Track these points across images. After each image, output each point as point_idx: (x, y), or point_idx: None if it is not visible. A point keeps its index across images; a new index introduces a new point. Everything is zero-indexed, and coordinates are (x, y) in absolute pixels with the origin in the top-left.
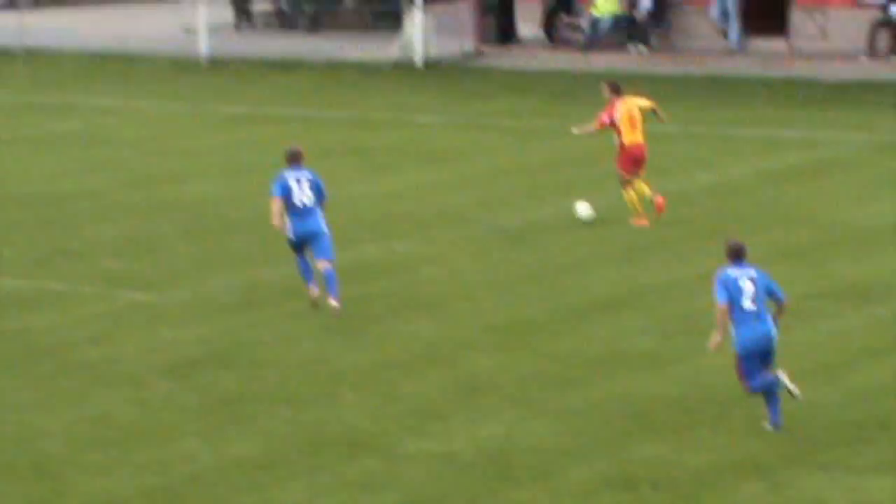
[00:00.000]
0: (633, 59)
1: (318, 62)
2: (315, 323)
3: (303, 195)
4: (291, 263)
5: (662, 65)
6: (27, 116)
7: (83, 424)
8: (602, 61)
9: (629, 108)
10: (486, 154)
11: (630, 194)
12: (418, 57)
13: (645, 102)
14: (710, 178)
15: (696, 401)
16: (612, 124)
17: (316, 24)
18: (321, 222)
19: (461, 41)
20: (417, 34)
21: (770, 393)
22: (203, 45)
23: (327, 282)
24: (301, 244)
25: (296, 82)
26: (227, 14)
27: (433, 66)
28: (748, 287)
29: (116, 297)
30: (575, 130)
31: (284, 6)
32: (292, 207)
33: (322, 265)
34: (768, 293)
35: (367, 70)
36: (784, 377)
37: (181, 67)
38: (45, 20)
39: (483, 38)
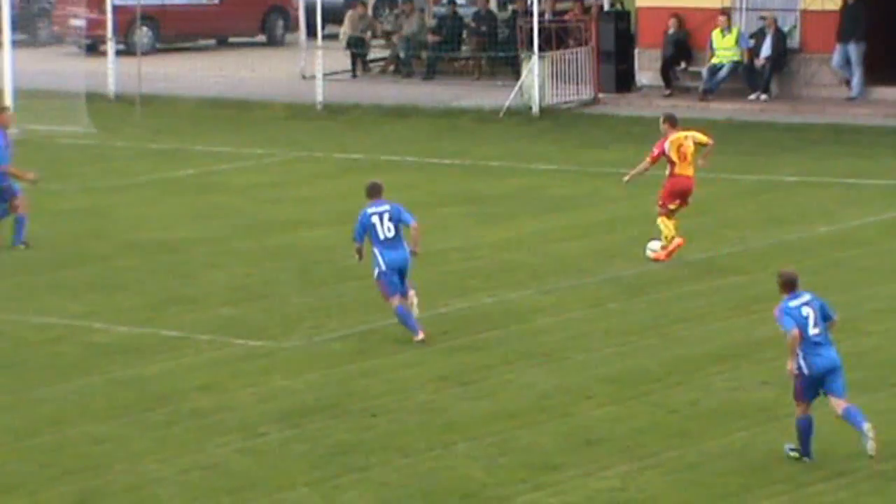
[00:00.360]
0: (752, 107)
1: (433, 109)
2: (429, 372)
3: (385, 229)
4: None
5: (782, 113)
6: (143, 162)
7: (195, 472)
8: (720, 109)
9: (681, 140)
10: (602, 203)
11: (668, 224)
12: (535, 104)
13: (702, 138)
14: (831, 229)
15: (816, 454)
16: (663, 155)
17: (432, 72)
18: (407, 251)
19: (578, 88)
20: (534, 81)
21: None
22: (319, 92)
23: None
24: (391, 272)
25: (411, 129)
26: (344, 61)
27: (550, 114)
28: (810, 313)
29: (229, 345)
30: (626, 179)
31: (401, 53)
32: (378, 241)
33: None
34: (823, 313)
35: (483, 117)
36: (869, 431)
37: (296, 114)
38: (162, 66)
39: (601, 85)
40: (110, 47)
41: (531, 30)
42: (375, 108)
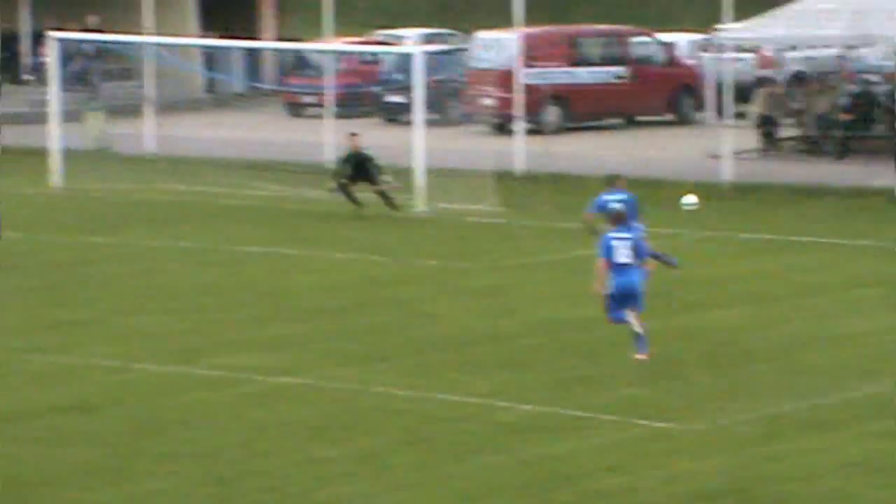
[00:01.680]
0: None
1: (845, 189)
2: (840, 458)
3: (621, 255)
4: (818, 395)
5: None
6: (550, 242)
7: None
8: None
9: None
10: None
11: None
12: None
13: None
14: None
15: None
16: None
17: (844, 150)
18: (639, 280)
19: None
20: None
21: None
22: (727, 171)
23: (636, 337)
24: (620, 298)
25: (822, 209)
26: (753, 139)
27: None
28: None
29: (634, 426)
30: None
31: (812, 131)
32: (613, 265)
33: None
34: None
35: None
36: None
37: (704, 193)
38: (569, 145)
39: None
40: (520, 126)
41: None
42: (785, 188)
